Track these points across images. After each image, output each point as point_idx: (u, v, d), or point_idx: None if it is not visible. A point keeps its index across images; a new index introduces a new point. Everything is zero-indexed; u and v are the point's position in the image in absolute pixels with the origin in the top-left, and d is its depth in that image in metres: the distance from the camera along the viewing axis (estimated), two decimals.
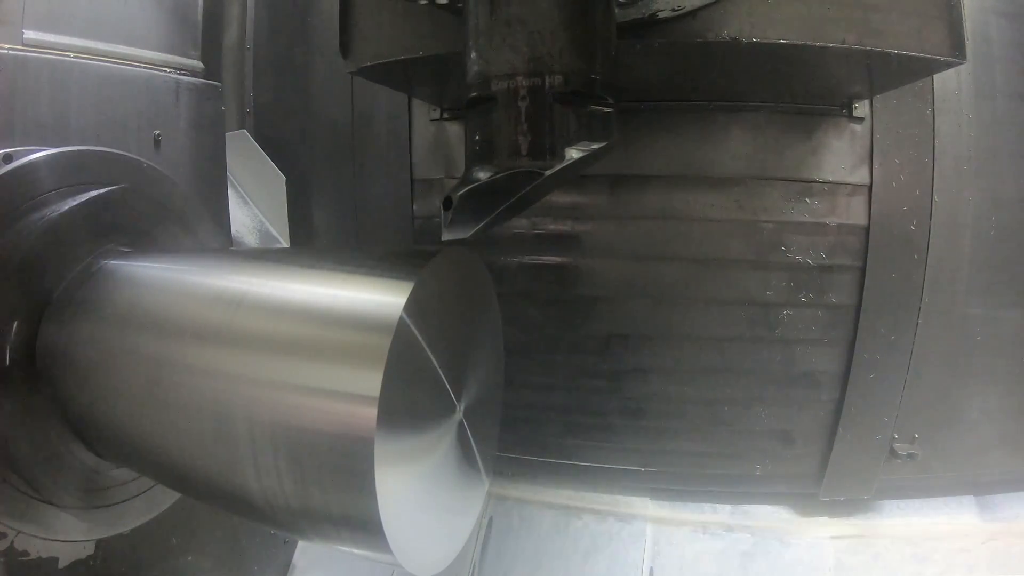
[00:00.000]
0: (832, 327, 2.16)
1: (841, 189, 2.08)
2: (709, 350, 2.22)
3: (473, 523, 1.40)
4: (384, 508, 1.03)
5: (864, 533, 2.24)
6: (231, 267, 1.40)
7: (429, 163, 2.39)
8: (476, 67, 1.16)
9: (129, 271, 1.49)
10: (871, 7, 1.45)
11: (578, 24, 1.12)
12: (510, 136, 1.13)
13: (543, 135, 1.12)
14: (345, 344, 1.11)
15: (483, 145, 1.15)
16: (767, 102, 2.05)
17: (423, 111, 2.36)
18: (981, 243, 2.11)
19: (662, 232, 2.16)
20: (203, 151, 2.10)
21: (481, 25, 1.13)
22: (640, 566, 2.23)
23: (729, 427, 2.27)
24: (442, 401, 1.23)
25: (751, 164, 2.09)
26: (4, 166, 1.41)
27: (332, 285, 1.23)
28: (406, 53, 1.69)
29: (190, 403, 1.23)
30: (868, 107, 2.04)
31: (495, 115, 1.13)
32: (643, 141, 2.10)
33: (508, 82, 1.10)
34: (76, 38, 1.70)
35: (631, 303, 2.23)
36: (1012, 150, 2.10)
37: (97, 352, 1.39)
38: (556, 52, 1.10)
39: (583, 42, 1.13)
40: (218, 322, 1.22)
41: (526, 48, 1.09)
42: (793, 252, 2.10)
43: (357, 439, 1.02)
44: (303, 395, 1.10)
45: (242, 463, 1.17)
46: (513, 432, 2.36)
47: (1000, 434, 2.25)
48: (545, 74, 1.10)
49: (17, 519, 1.40)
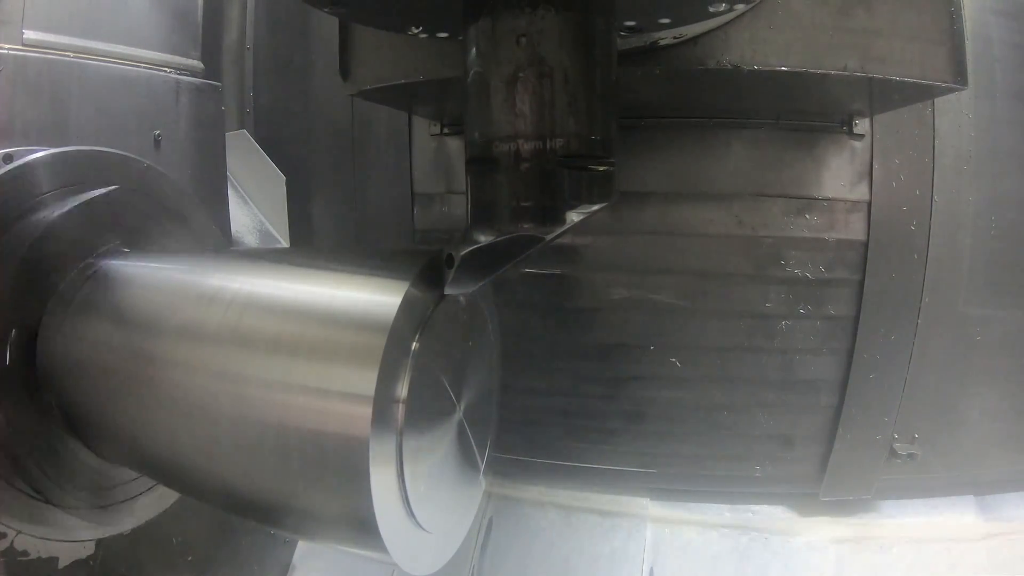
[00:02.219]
0: (831, 337, 2.16)
1: (841, 205, 2.08)
2: (708, 359, 2.22)
3: (470, 523, 1.40)
4: (380, 508, 1.03)
5: (864, 533, 2.24)
6: (229, 267, 1.40)
7: (430, 177, 2.39)
8: (476, 128, 1.15)
9: (128, 271, 1.50)
10: (873, 32, 1.45)
11: (580, 87, 1.11)
12: (511, 201, 1.13)
13: (544, 201, 1.12)
14: (340, 343, 1.11)
15: (484, 206, 1.15)
16: (767, 119, 2.05)
17: (423, 124, 2.36)
18: (981, 243, 2.10)
19: (662, 246, 2.17)
20: (203, 151, 2.10)
21: (482, 86, 1.13)
22: (640, 566, 2.23)
23: (729, 431, 2.27)
24: (440, 400, 1.23)
25: (751, 180, 2.09)
26: (4, 166, 1.41)
27: (328, 284, 1.23)
28: (406, 77, 1.69)
29: (186, 403, 1.23)
30: (868, 124, 2.04)
31: (497, 177, 1.12)
32: (643, 157, 2.10)
33: (509, 145, 1.09)
34: (76, 38, 1.71)
35: (631, 314, 2.23)
36: (1012, 150, 2.10)
37: (96, 352, 1.40)
38: (558, 116, 1.09)
39: (585, 105, 1.12)
40: (215, 322, 1.22)
41: (528, 111, 1.09)
42: (792, 266, 2.11)
43: (352, 438, 1.02)
44: (299, 394, 1.10)
45: (238, 462, 1.17)
46: (513, 434, 2.36)
47: (1000, 434, 2.25)
48: (547, 138, 1.09)
49: (17, 519, 1.40)
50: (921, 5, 1.45)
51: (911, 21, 1.46)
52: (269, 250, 2.36)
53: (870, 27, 1.45)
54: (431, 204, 2.40)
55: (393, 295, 1.08)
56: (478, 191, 1.16)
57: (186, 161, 2.02)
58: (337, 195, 2.62)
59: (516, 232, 1.11)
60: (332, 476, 1.07)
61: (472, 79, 1.15)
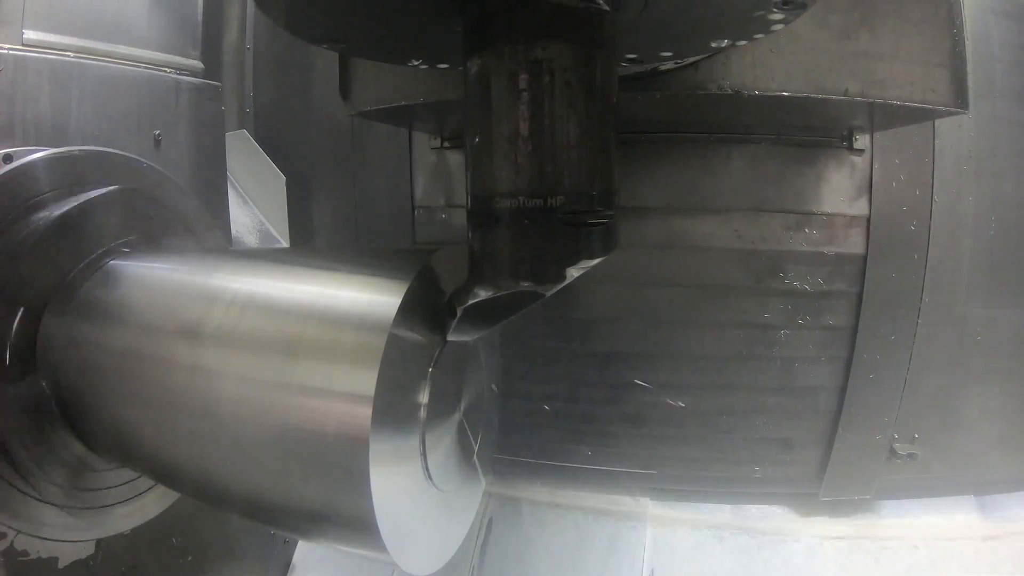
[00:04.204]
0: (830, 346, 2.16)
1: (840, 220, 2.08)
2: (707, 367, 2.22)
3: (469, 523, 1.40)
4: (380, 508, 1.03)
5: (864, 533, 2.24)
6: (229, 267, 1.41)
7: (430, 190, 2.39)
8: (478, 182, 1.15)
9: (128, 271, 1.50)
10: (875, 55, 1.44)
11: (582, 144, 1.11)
12: (511, 258, 1.13)
13: (544, 259, 1.12)
14: (340, 343, 1.11)
15: (485, 260, 1.15)
16: (767, 134, 2.05)
17: (423, 137, 2.36)
18: (981, 243, 2.10)
19: (661, 260, 2.17)
20: (203, 151, 2.10)
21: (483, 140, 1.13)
22: (640, 566, 2.23)
23: (728, 435, 2.27)
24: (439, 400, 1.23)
25: (751, 196, 2.09)
26: (4, 166, 1.42)
27: (328, 284, 1.24)
28: (407, 99, 1.69)
29: (186, 402, 1.23)
30: (868, 139, 2.03)
31: (497, 233, 1.12)
32: (643, 172, 2.10)
33: (510, 201, 1.09)
34: (76, 38, 1.71)
35: (630, 325, 2.23)
36: (1012, 150, 2.10)
37: (96, 351, 1.40)
38: (559, 173, 1.09)
39: (587, 161, 1.12)
40: (215, 321, 1.22)
41: (529, 169, 1.08)
42: (791, 279, 2.11)
43: (352, 438, 1.02)
44: (298, 394, 1.10)
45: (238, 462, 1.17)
46: (513, 437, 2.36)
47: (1000, 434, 2.24)
48: (547, 196, 1.09)
49: (17, 519, 1.40)
50: (923, 27, 1.44)
51: (913, 44, 1.45)
52: (269, 250, 2.36)
53: (872, 50, 1.44)
54: (432, 217, 2.40)
55: (393, 295, 1.08)
56: (479, 245, 1.16)
57: (186, 161, 2.01)
58: (337, 195, 2.61)
59: (516, 288, 1.12)
60: (332, 476, 1.07)
61: (473, 130, 1.15)
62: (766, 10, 1.12)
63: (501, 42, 1.09)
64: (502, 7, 1.08)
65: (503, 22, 1.08)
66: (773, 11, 1.12)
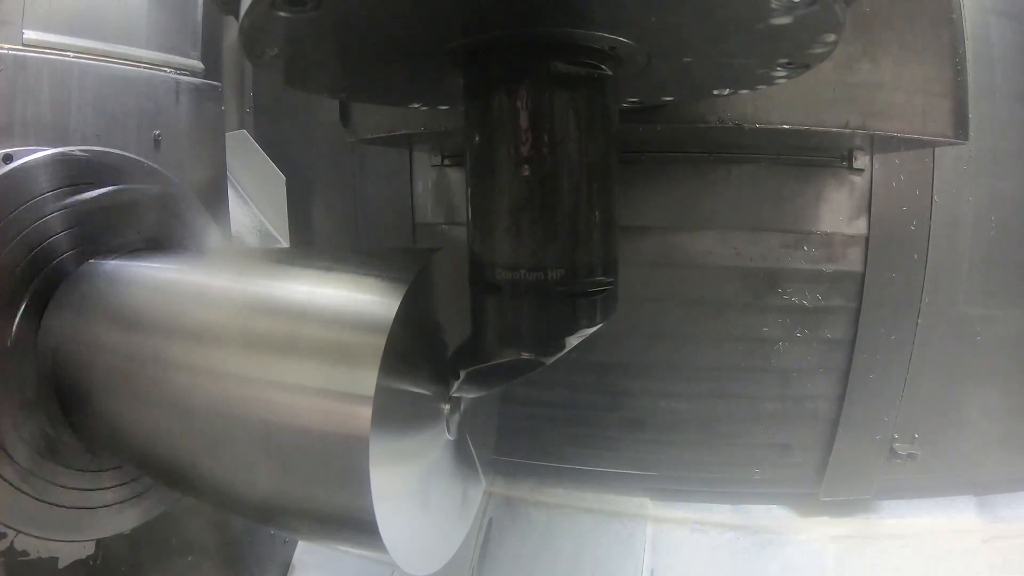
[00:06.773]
0: (828, 357, 2.16)
1: (839, 238, 2.08)
2: (706, 378, 2.23)
3: (470, 523, 1.40)
4: (380, 508, 1.03)
5: (864, 533, 2.24)
6: (228, 267, 1.41)
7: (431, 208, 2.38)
8: (480, 249, 1.16)
9: (128, 271, 1.50)
10: (875, 86, 1.43)
11: (583, 217, 1.12)
12: (512, 327, 1.15)
13: (545, 329, 1.14)
14: (340, 343, 1.11)
15: (487, 325, 1.17)
16: (768, 154, 2.04)
17: (424, 156, 2.36)
18: (981, 243, 2.10)
19: (660, 276, 2.17)
20: (203, 151, 2.10)
21: (486, 209, 1.14)
22: (640, 566, 2.23)
23: (727, 440, 2.28)
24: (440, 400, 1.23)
25: (750, 214, 2.09)
26: (4, 166, 1.41)
27: (328, 285, 1.24)
28: (408, 128, 1.70)
29: (185, 402, 1.23)
30: (868, 159, 2.03)
31: (498, 302, 1.14)
32: (644, 190, 2.10)
33: (511, 273, 1.10)
34: (76, 38, 1.70)
35: (629, 338, 2.23)
36: (1012, 150, 2.10)
37: (96, 351, 1.40)
38: (560, 247, 1.10)
39: (587, 234, 1.13)
40: (214, 321, 1.23)
41: (531, 242, 1.09)
42: (790, 295, 2.11)
43: (352, 438, 1.02)
44: (298, 394, 1.10)
45: (237, 462, 1.17)
46: (514, 439, 2.36)
47: (1000, 434, 2.25)
48: (548, 269, 1.10)
49: (17, 519, 1.40)
50: (926, 56, 1.44)
51: (915, 74, 1.44)
52: (269, 250, 2.36)
53: (873, 81, 1.43)
54: (432, 233, 2.40)
55: (393, 296, 1.08)
56: (479, 310, 1.18)
57: (186, 161, 2.01)
58: (337, 195, 2.61)
59: (516, 356, 1.15)
60: (332, 476, 1.07)
61: (475, 198, 1.16)
62: (769, 69, 1.13)
63: (505, 116, 1.08)
64: (504, 76, 1.08)
65: (504, 92, 1.08)
66: (776, 70, 1.13)
